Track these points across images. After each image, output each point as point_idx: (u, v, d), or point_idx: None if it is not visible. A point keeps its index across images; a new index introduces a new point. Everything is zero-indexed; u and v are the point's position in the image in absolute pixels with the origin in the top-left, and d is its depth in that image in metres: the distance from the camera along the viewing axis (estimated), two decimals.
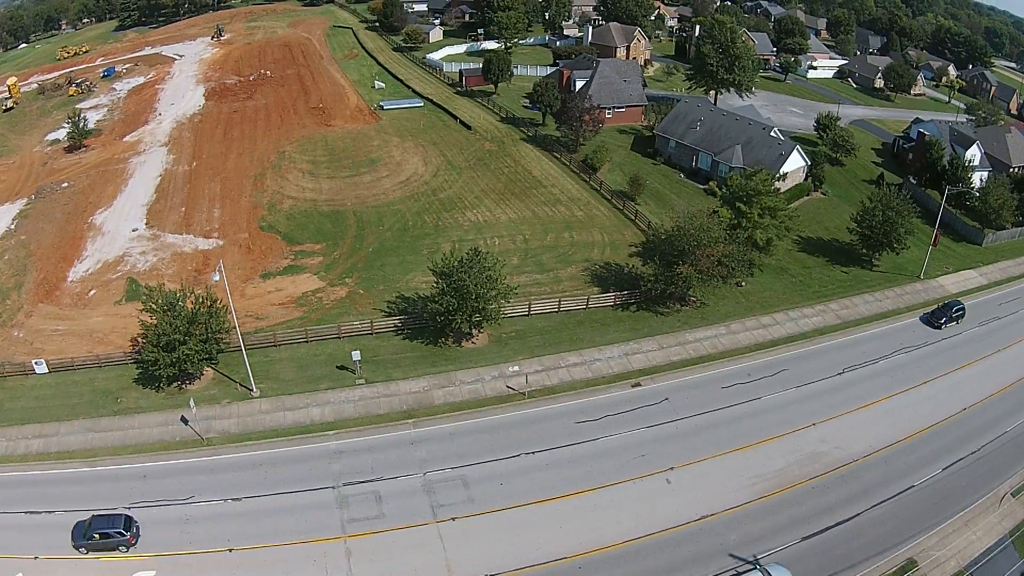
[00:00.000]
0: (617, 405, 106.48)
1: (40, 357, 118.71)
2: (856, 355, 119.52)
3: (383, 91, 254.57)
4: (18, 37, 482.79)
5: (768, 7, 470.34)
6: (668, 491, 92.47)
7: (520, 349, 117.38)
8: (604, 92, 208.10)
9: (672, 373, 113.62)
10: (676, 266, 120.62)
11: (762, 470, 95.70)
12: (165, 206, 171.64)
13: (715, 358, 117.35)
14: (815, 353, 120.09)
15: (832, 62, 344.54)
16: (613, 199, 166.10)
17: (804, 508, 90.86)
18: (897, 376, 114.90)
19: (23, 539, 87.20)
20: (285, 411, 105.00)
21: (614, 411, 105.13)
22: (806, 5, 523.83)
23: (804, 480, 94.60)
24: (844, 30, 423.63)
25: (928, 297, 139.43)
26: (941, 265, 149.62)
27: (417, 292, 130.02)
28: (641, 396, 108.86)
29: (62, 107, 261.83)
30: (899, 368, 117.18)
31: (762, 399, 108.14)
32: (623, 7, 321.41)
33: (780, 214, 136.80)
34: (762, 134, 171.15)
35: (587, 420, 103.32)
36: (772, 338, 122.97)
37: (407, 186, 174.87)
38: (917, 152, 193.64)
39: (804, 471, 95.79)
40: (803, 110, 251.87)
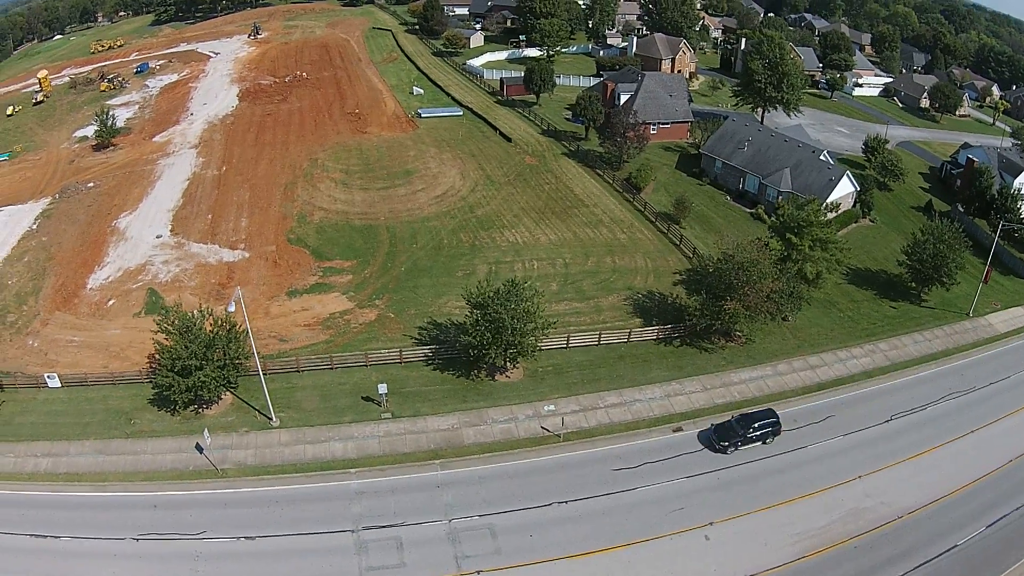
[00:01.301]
0: (657, 451, 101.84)
1: (54, 369, 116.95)
2: (904, 400, 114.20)
3: (421, 97, 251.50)
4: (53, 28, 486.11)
5: (812, 20, 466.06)
6: (706, 549, 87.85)
7: (557, 386, 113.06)
8: (649, 107, 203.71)
9: (715, 417, 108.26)
10: (723, 301, 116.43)
11: (805, 527, 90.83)
12: (191, 212, 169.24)
13: (761, 402, 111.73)
14: (863, 398, 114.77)
15: (877, 80, 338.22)
16: (657, 221, 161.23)
17: (844, 571, 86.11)
18: (945, 424, 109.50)
19: (26, 563, 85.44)
20: (305, 444, 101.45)
21: (653, 458, 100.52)
22: (850, 19, 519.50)
23: (847, 539, 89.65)
24: (889, 47, 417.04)
25: (977, 337, 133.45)
26: (989, 301, 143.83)
27: (450, 318, 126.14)
28: (682, 442, 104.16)
29: (93, 102, 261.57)
30: (947, 416, 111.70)
31: (807, 448, 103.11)
32: (668, 17, 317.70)
33: (831, 246, 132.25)
34: (811, 157, 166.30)
35: (624, 467, 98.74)
36: (819, 380, 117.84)
37: (443, 201, 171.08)
38: (965, 179, 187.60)
39: (847, 529, 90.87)
40: (850, 130, 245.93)
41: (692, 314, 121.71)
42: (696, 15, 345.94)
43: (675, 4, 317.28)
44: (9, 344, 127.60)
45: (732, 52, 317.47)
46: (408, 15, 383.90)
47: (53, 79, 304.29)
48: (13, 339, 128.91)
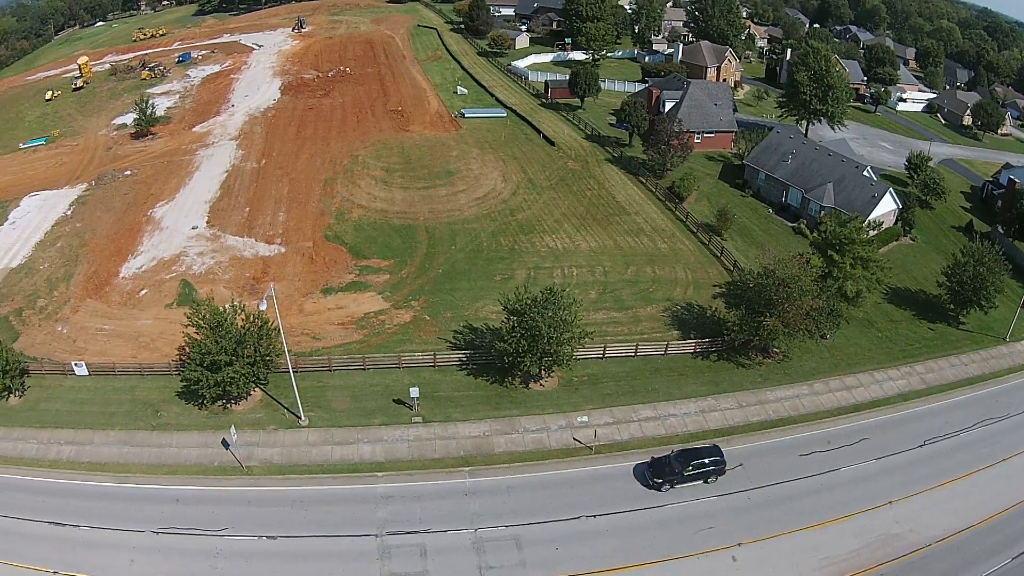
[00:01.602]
0: None
1: (82, 357, 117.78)
2: (938, 425, 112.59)
3: (465, 97, 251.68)
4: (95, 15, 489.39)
5: (857, 32, 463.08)
6: (733, 570, 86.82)
7: (591, 396, 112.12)
8: (694, 115, 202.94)
9: (749, 436, 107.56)
10: (762, 317, 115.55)
11: (833, 551, 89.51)
12: (228, 205, 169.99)
13: (795, 421, 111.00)
14: (897, 421, 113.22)
15: (921, 95, 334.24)
16: (699, 232, 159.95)
17: None
18: (978, 451, 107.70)
19: (44, 551, 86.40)
20: (333, 445, 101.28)
21: None
22: (895, 33, 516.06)
23: (875, 565, 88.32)
24: (933, 62, 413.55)
25: (1013, 363, 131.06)
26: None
27: (486, 323, 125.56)
28: None
29: (133, 90, 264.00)
30: (980, 442, 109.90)
31: (840, 471, 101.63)
32: (714, 25, 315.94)
33: (872, 265, 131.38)
34: (855, 173, 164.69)
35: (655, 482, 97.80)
36: (855, 402, 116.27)
37: (484, 203, 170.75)
38: (1007, 200, 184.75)
39: (875, 555, 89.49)
40: (893, 145, 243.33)
41: (730, 329, 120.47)
42: (742, 23, 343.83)
43: (721, 12, 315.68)
44: (38, 330, 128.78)
45: (777, 62, 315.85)
46: (454, 14, 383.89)
47: (93, 65, 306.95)
48: (42, 325, 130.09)
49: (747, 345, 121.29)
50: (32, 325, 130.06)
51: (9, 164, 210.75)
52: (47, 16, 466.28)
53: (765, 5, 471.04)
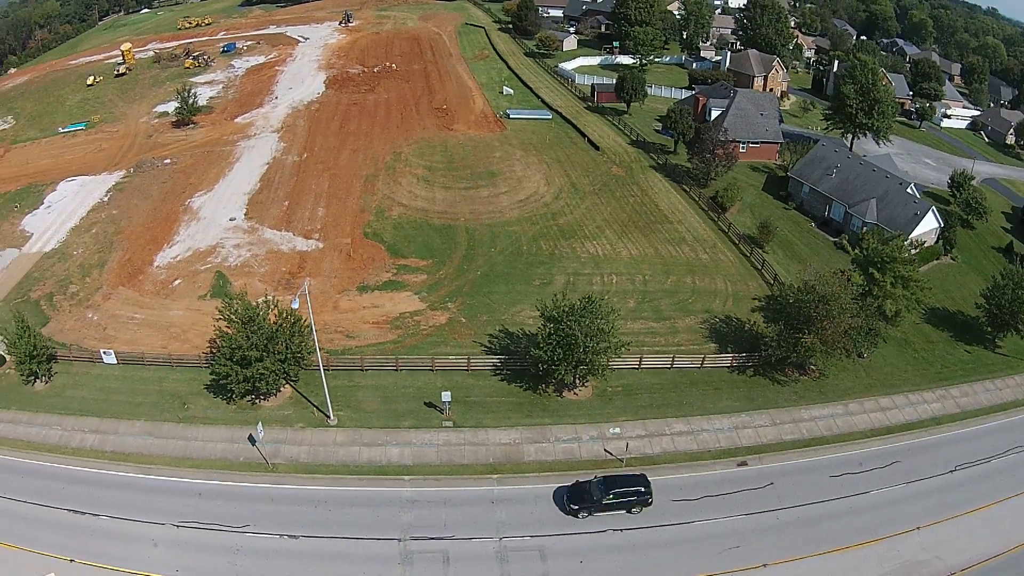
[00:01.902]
0: (719, 485, 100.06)
1: (111, 345, 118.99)
2: (970, 451, 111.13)
3: (511, 98, 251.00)
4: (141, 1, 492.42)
5: (904, 46, 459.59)
6: None
7: (625, 408, 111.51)
8: (740, 125, 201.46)
9: (781, 454, 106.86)
10: (800, 333, 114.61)
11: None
12: (268, 197, 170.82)
13: (828, 441, 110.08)
14: (930, 445, 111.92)
15: (965, 112, 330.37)
16: (740, 244, 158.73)
17: None
18: (1010, 478, 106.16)
19: (62, 538, 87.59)
20: (361, 446, 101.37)
21: (714, 492, 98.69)
22: (940, 47, 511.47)
23: None
24: (978, 78, 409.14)
25: None
26: None
27: (522, 328, 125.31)
28: (746, 477, 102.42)
29: (176, 79, 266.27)
30: (1011, 470, 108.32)
31: (870, 494, 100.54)
32: (762, 34, 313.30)
33: (912, 284, 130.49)
34: (898, 189, 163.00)
35: (684, 499, 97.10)
36: (889, 424, 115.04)
37: (525, 206, 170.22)
38: None
39: None
40: (936, 162, 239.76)
41: (768, 344, 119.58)
42: (790, 33, 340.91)
43: (770, 21, 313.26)
44: (68, 315, 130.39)
45: (824, 74, 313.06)
46: (502, 13, 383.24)
47: (137, 52, 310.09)
48: (73, 311, 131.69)
49: (784, 361, 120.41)
50: (63, 311, 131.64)
51: (48, 148, 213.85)
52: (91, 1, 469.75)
53: (813, 15, 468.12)
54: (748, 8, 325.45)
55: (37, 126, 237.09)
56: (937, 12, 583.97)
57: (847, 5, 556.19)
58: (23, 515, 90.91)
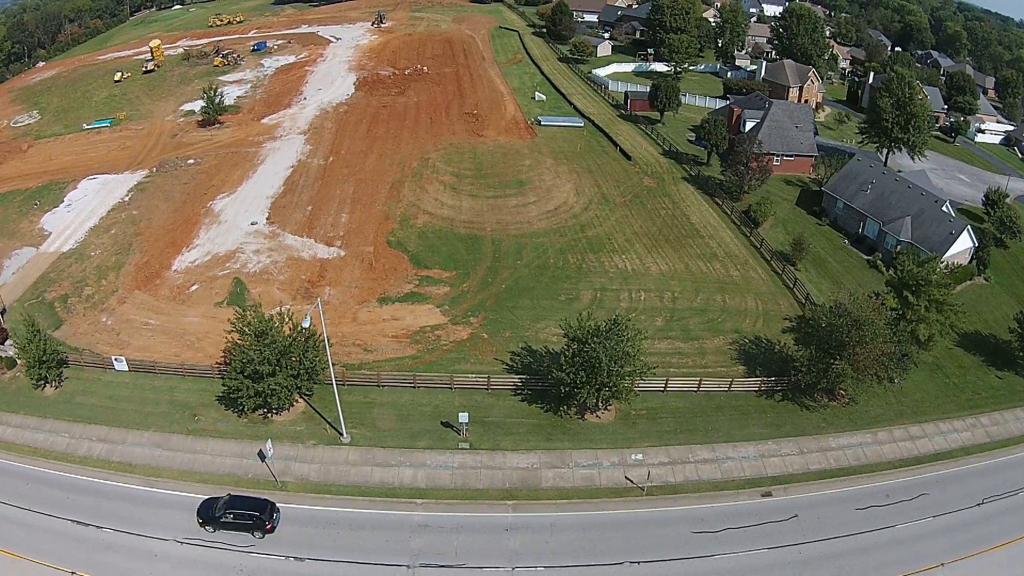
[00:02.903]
0: (742, 516, 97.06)
1: (124, 351, 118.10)
2: (999, 483, 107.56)
3: (543, 104, 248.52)
4: None
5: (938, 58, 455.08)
6: None
7: (648, 433, 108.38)
8: (774, 137, 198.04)
9: (808, 485, 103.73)
10: (832, 359, 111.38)
11: None
12: (291, 201, 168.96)
13: (856, 471, 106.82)
14: (958, 477, 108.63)
15: (999, 126, 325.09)
16: (772, 261, 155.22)
17: None
18: None
19: (65, 549, 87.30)
20: (374, 466, 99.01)
21: (737, 523, 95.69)
22: (974, 60, 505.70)
23: None
24: (1012, 92, 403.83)
25: None
26: None
27: (546, 346, 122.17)
28: (770, 509, 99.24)
29: (204, 77, 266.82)
30: None
31: (896, 528, 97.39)
32: (798, 44, 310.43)
33: (947, 309, 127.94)
34: (934, 207, 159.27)
35: (705, 531, 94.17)
36: (918, 454, 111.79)
37: (554, 217, 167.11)
38: None
39: None
40: (970, 178, 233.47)
41: (798, 369, 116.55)
42: (826, 43, 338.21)
43: (806, 30, 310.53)
44: (82, 318, 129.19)
45: (860, 85, 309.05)
46: (536, 17, 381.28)
47: (166, 49, 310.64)
48: (87, 314, 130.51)
49: (813, 387, 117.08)
50: (77, 313, 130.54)
51: (72, 144, 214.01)
52: None
53: (848, 25, 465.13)
54: (784, 17, 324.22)
55: (62, 121, 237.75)
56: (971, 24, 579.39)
57: (882, 16, 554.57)
58: (27, 523, 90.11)
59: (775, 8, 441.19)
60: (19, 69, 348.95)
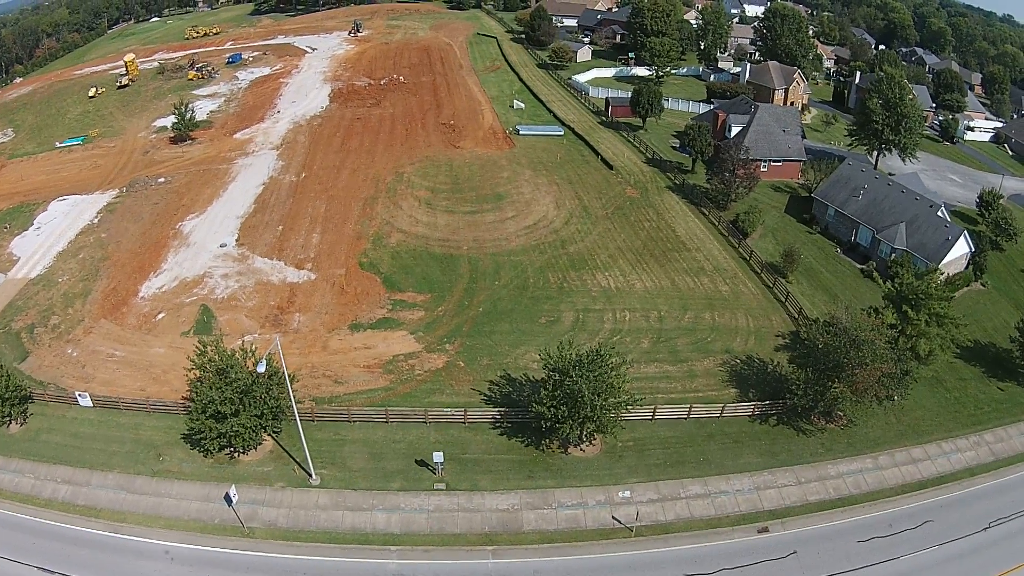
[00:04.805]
0: (737, 556, 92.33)
1: (89, 385, 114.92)
2: (1005, 505, 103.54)
3: (521, 112, 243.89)
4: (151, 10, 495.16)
5: (923, 55, 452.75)
6: None
7: (636, 467, 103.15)
8: (761, 142, 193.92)
9: (806, 517, 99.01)
10: (830, 381, 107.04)
11: None
12: (261, 221, 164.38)
13: (857, 501, 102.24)
14: (963, 500, 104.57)
15: (988, 124, 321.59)
16: (763, 273, 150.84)
17: None
18: None
19: None
20: (345, 510, 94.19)
21: (733, 563, 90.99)
22: (959, 56, 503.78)
23: None
24: (999, 88, 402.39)
25: None
26: None
27: (526, 373, 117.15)
28: (767, 546, 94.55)
29: (179, 91, 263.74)
30: None
31: (900, 559, 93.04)
32: (783, 44, 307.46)
33: (947, 322, 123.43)
34: (928, 212, 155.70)
35: (699, 572, 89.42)
36: (920, 478, 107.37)
37: (533, 232, 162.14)
38: None
39: None
40: (962, 179, 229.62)
41: (793, 392, 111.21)
42: (810, 43, 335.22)
43: (790, 30, 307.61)
44: (47, 350, 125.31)
45: (846, 85, 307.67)
46: (515, 23, 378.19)
47: (143, 63, 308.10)
48: (52, 344, 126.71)
49: (810, 410, 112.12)
50: (42, 345, 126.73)
51: (44, 163, 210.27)
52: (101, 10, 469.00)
53: (832, 24, 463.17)
54: (767, 17, 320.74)
55: (36, 140, 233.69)
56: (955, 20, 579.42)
57: (865, 14, 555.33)
58: None
59: (757, 8, 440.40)
60: None
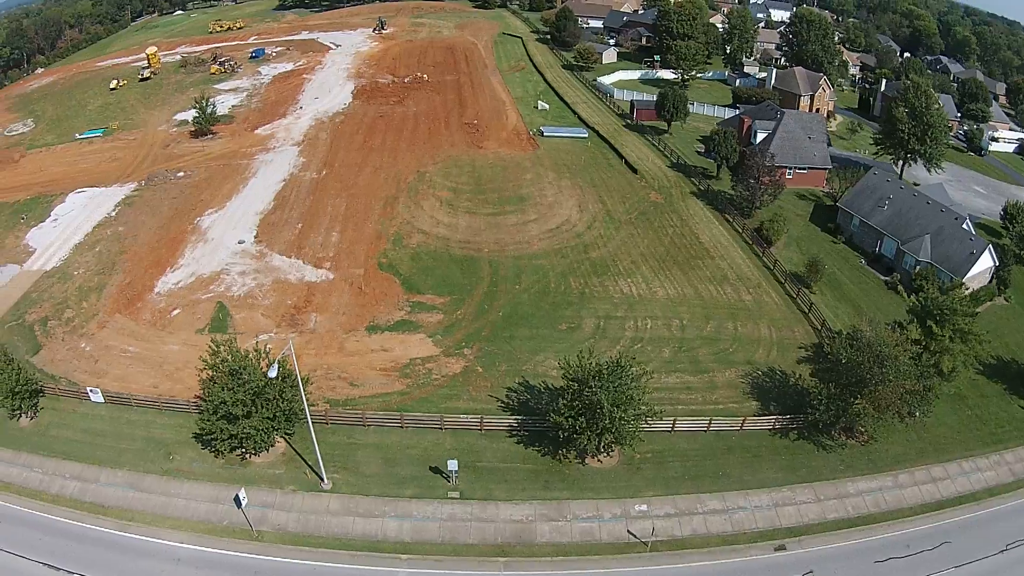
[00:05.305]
0: (753, 574, 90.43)
1: (102, 381, 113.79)
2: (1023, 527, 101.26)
3: (545, 113, 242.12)
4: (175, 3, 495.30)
5: (948, 63, 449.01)
6: None
7: (654, 480, 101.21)
8: (786, 149, 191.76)
9: (824, 536, 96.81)
10: (852, 397, 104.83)
11: None
12: (280, 218, 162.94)
13: (875, 520, 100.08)
14: (982, 521, 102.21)
15: (1013, 134, 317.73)
16: (786, 283, 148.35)
17: None
18: None
19: None
20: (356, 516, 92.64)
21: None
22: (983, 65, 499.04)
23: None
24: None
25: None
26: None
27: (544, 381, 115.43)
28: (782, 565, 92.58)
29: (201, 84, 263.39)
30: None
31: None
32: (809, 50, 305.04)
33: (971, 339, 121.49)
34: (954, 225, 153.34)
35: None
36: (940, 497, 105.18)
37: (555, 236, 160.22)
38: None
39: None
40: (986, 190, 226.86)
41: (815, 408, 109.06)
42: (836, 49, 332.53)
43: (816, 36, 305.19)
44: (61, 344, 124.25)
45: (871, 92, 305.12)
46: (540, 23, 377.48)
47: (165, 56, 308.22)
48: (66, 339, 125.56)
49: (831, 426, 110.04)
50: (56, 338, 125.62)
51: (63, 155, 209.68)
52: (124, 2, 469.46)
53: (857, 30, 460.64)
54: (794, 23, 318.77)
55: (56, 131, 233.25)
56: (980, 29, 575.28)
57: (890, 20, 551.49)
58: None
59: (782, 13, 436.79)
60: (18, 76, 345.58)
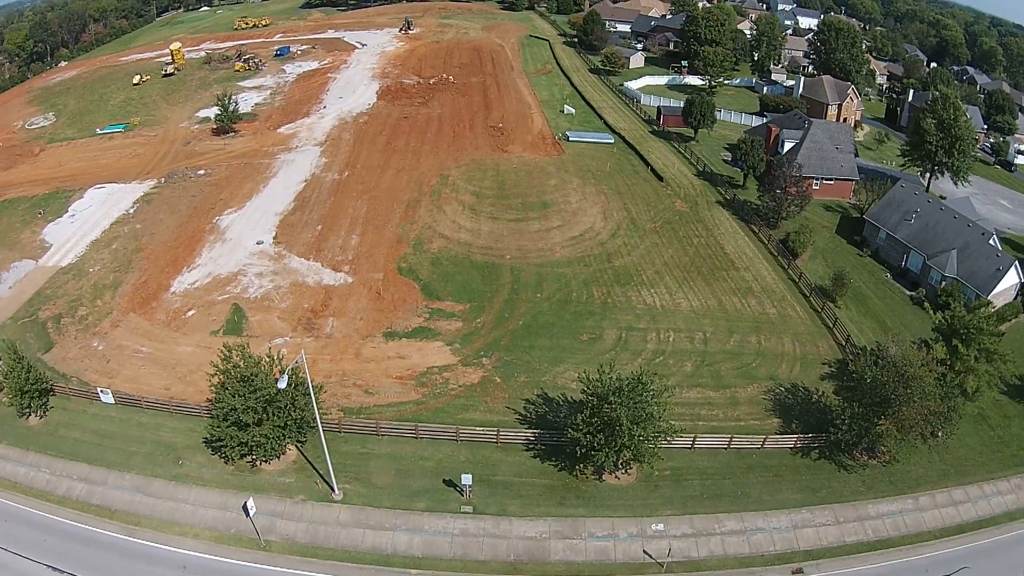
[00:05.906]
0: None
1: (112, 381, 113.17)
2: None
3: (571, 118, 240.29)
4: None
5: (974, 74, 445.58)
6: None
7: (672, 498, 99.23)
8: (813, 159, 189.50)
9: (842, 560, 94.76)
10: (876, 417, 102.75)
11: None
12: (300, 220, 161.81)
13: (894, 544, 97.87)
14: (1000, 547, 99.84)
15: None
16: (811, 296, 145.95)
17: None
18: None
19: None
20: (367, 529, 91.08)
21: None
22: (1009, 77, 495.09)
23: None
24: None
25: None
26: None
27: (564, 393, 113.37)
28: None
29: (224, 82, 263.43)
30: None
31: None
32: (836, 59, 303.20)
33: (997, 359, 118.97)
34: (980, 240, 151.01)
35: None
36: (960, 521, 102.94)
37: (579, 244, 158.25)
38: None
39: None
40: (1012, 204, 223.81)
41: (838, 427, 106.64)
42: (864, 58, 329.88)
43: (844, 44, 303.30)
44: (73, 342, 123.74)
45: (898, 103, 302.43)
46: (568, 27, 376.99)
47: (189, 52, 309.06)
48: (79, 337, 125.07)
49: (853, 446, 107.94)
50: (68, 336, 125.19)
51: (83, 150, 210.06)
52: None
53: (884, 39, 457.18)
54: (822, 31, 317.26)
55: (76, 125, 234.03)
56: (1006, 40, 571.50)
57: (917, 30, 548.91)
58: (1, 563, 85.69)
59: (810, 21, 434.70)
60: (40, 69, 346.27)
